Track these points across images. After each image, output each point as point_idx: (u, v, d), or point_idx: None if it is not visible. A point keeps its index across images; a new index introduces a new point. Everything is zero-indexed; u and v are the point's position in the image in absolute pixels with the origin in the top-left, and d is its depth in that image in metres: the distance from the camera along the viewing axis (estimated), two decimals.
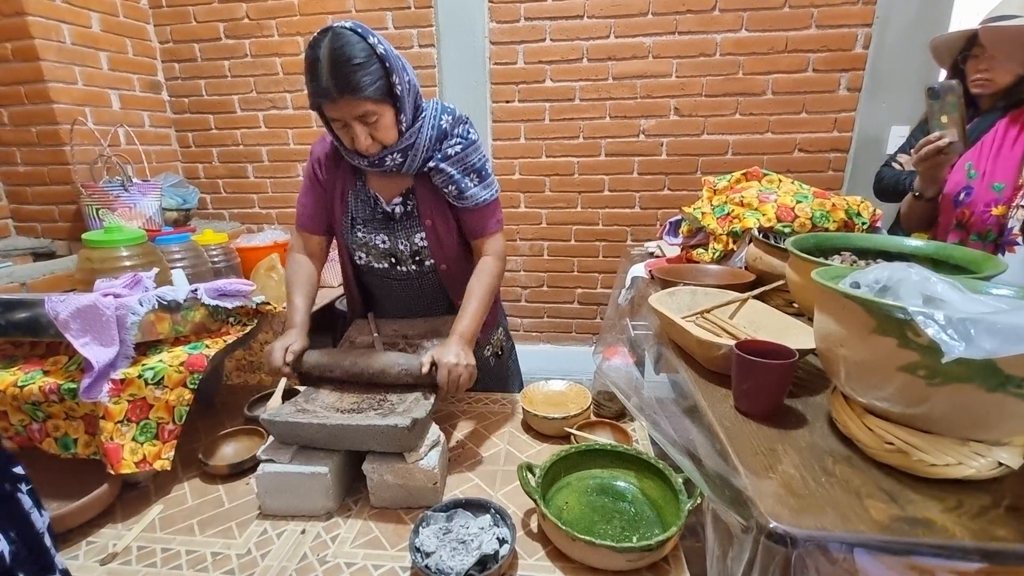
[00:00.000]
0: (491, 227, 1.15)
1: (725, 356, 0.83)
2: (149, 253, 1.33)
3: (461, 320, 1.05)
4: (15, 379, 0.92)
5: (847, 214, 1.27)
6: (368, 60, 0.92)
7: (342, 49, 0.90)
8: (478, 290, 1.09)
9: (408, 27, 2.58)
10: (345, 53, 0.90)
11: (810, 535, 0.53)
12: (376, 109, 0.96)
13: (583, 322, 2.93)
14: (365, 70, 0.91)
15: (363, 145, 0.99)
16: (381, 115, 0.97)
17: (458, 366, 0.95)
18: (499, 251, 1.16)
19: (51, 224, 2.42)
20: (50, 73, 2.20)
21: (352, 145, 1.01)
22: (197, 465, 1.00)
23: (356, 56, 0.91)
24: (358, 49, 0.91)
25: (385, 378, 0.98)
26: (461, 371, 0.96)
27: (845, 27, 2.32)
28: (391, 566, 0.77)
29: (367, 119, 0.96)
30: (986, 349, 0.48)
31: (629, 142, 2.60)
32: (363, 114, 0.95)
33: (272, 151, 2.87)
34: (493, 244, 1.16)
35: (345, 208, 1.16)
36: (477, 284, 1.10)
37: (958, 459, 0.59)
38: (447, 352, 0.97)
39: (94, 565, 0.79)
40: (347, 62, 0.90)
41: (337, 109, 0.95)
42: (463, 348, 0.99)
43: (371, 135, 0.99)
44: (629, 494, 0.88)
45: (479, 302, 1.07)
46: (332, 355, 1.02)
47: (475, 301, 1.07)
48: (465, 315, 1.05)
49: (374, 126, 0.98)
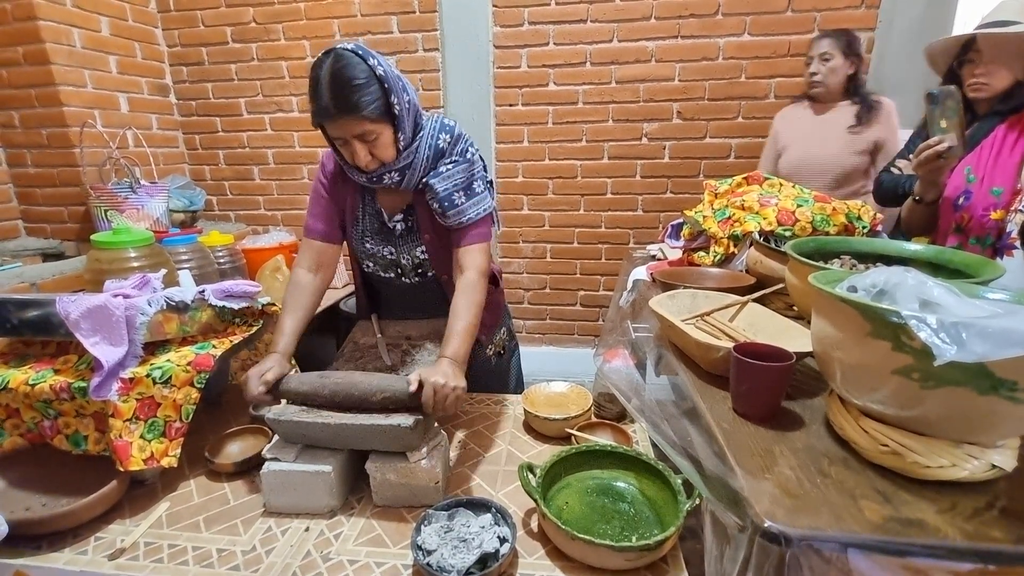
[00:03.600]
0: (469, 241, 1.10)
1: (724, 358, 0.83)
2: (156, 254, 1.35)
3: (450, 343, 1.00)
4: (27, 377, 0.94)
5: (847, 218, 1.28)
6: (367, 81, 0.94)
7: (342, 70, 0.93)
8: (462, 310, 1.04)
9: (413, 31, 2.60)
10: (345, 74, 0.93)
11: (804, 535, 0.54)
12: (375, 128, 0.98)
13: (585, 324, 2.94)
14: (364, 90, 0.94)
15: (362, 162, 1.01)
16: (380, 133, 0.99)
17: (446, 386, 0.90)
18: (479, 266, 1.09)
19: (60, 225, 2.45)
20: (60, 76, 2.23)
21: (352, 161, 1.03)
22: (203, 463, 1.02)
23: (356, 77, 0.93)
24: (358, 70, 0.93)
25: (368, 405, 0.91)
26: (448, 392, 0.90)
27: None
28: (393, 564, 0.78)
29: (366, 137, 0.98)
30: (977, 353, 0.49)
31: (632, 145, 2.62)
32: (362, 132, 0.98)
33: (278, 153, 2.89)
34: (471, 258, 1.10)
35: (355, 220, 1.18)
36: (462, 304, 1.05)
37: (952, 461, 0.59)
38: (435, 372, 0.92)
39: (102, 560, 0.80)
40: (347, 83, 0.93)
41: (337, 127, 0.98)
42: (453, 369, 0.94)
43: (370, 152, 1.01)
44: (628, 495, 0.89)
45: (466, 322, 1.02)
46: (311, 383, 0.95)
47: (461, 322, 1.02)
48: (453, 336, 1.00)
49: (373, 144, 1.00)
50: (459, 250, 1.11)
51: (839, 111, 2.06)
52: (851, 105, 2.04)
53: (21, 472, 0.96)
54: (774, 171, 2.19)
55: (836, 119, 2.05)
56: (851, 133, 2.01)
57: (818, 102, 2.12)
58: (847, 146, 2.01)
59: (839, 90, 2.05)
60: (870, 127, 1.99)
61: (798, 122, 2.15)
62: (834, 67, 2.00)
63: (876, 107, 2.00)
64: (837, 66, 2.00)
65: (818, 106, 2.12)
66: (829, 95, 2.06)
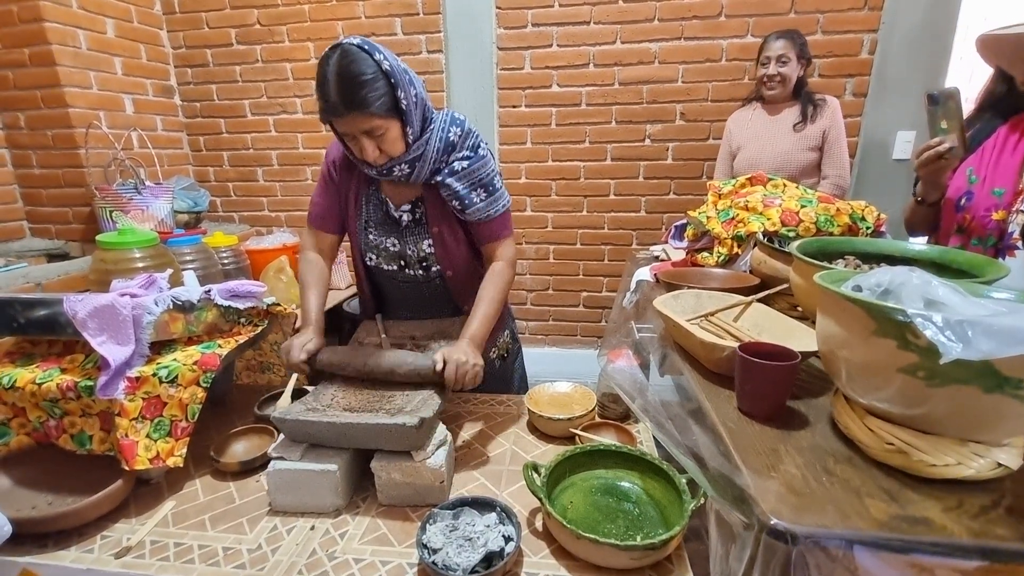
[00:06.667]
0: (501, 234, 1.17)
1: (728, 358, 0.84)
2: (161, 255, 1.36)
3: (471, 324, 1.06)
4: (33, 376, 0.94)
5: (851, 218, 1.28)
6: (374, 76, 0.94)
7: (349, 67, 0.93)
8: (489, 295, 1.10)
9: (417, 33, 2.61)
10: (352, 71, 0.93)
11: (810, 532, 0.54)
12: (382, 124, 0.98)
13: (588, 325, 2.94)
14: (371, 86, 0.94)
15: (371, 157, 1.02)
16: (388, 129, 1.00)
17: (467, 363, 0.98)
18: (510, 257, 1.17)
19: (65, 226, 2.47)
20: (66, 78, 2.24)
21: (361, 156, 1.04)
22: (209, 462, 1.02)
23: (362, 73, 0.93)
24: (364, 66, 0.94)
25: (394, 376, 1.00)
26: (468, 368, 0.98)
27: (851, 33, 2.33)
28: (398, 562, 0.78)
29: (374, 133, 0.99)
30: (983, 351, 0.49)
31: (635, 146, 2.62)
32: (370, 128, 0.98)
33: (281, 155, 2.90)
34: (503, 250, 1.17)
35: (359, 211, 1.19)
36: (488, 289, 1.11)
37: (958, 459, 0.59)
38: (456, 351, 0.99)
39: (109, 559, 0.80)
40: (354, 79, 0.93)
41: (345, 124, 0.98)
42: (472, 349, 1.02)
43: (378, 147, 1.01)
44: (633, 494, 0.89)
45: (489, 307, 1.09)
46: (344, 354, 1.05)
47: (485, 306, 1.09)
48: (475, 319, 1.07)
49: (381, 139, 1.00)
50: (487, 245, 1.17)
51: (789, 111, 2.14)
52: (799, 105, 2.11)
53: (27, 471, 0.96)
54: (730, 172, 2.26)
55: (787, 118, 2.13)
56: (800, 130, 2.08)
57: (769, 103, 2.18)
58: (798, 143, 2.09)
59: (791, 91, 2.12)
60: (815, 123, 2.07)
61: (750, 123, 2.21)
62: (791, 69, 2.06)
63: (821, 105, 2.08)
64: (793, 68, 2.06)
65: (769, 107, 2.18)
66: (783, 96, 2.13)
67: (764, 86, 2.12)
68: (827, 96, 2.12)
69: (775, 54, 2.05)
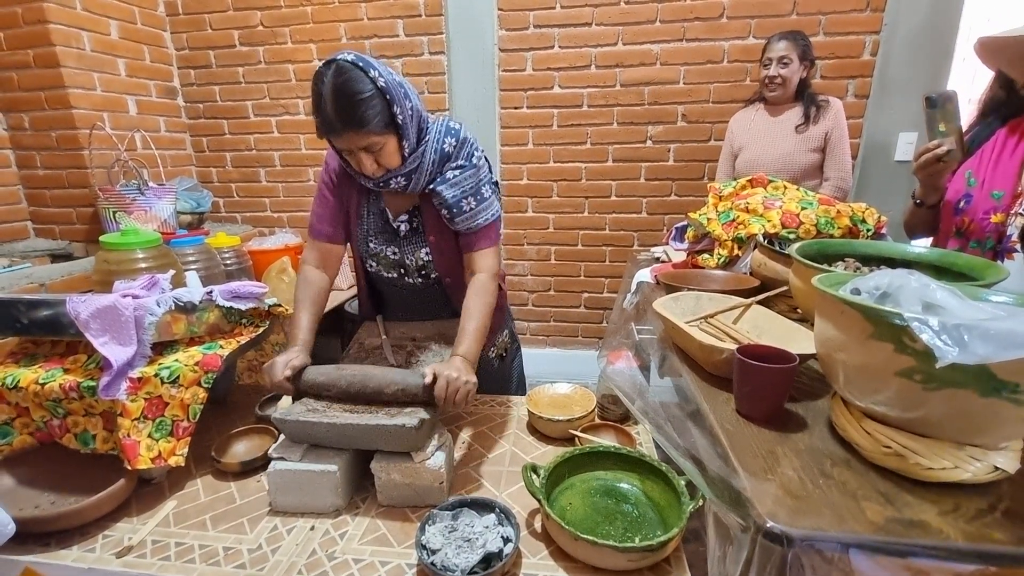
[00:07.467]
0: (481, 245, 1.13)
1: (727, 360, 0.84)
2: (164, 255, 1.37)
3: (461, 342, 1.03)
4: (37, 376, 0.95)
5: (852, 221, 1.28)
6: (371, 95, 0.94)
7: (345, 85, 0.93)
8: (475, 311, 1.07)
9: (419, 34, 2.62)
10: (348, 89, 0.93)
11: (806, 535, 0.54)
12: (379, 139, 0.99)
13: (589, 326, 2.94)
14: (367, 104, 0.94)
15: (368, 171, 1.03)
16: (384, 144, 1.00)
17: (458, 380, 0.93)
18: (490, 268, 1.13)
19: (68, 227, 2.48)
20: (70, 79, 2.26)
21: (359, 170, 1.05)
22: (210, 462, 1.03)
23: (359, 92, 0.93)
24: (361, 84, 0.94)
25: (381, 397, 0.95)
26: (459, 386, 0.93)
27: (853, 34, 2.33)
28: (398, 563, 0.79)
29: (371, 148, 1.00)
30: (979, 355, 0.49)
31: (636, 148, 2.62)
32: (367, 145, 0.99)
33: (284, 156, 2.91)
34: (483, 261, 1.13)
35: (360, 220, 1.19)
36: (474, 304, 1.08)
37: (955, 463, 0.59)
38: (448, 367, 0.95)
39: (110, 558, 0.81)
40: (350, 98, 0.93)
41: (343, 141, 0.99)
42: (465, 366, 0.98)
43: (376, 161, 1.02)
44: (632, 496, 0.90)
45: (477, 322, 1.05)
46: (329, 374, 0.99)
47: (473, 322, 1.05)
48: (465, 337, 1.03)
49: (378, 154, 1.01)
50: (471, 254, 1.14)
51: (792, 112, 2.14)
52: (801, 107, 2.11)
53: (30, 471, 0.97)
54: (732, 173, 2.27)
55: (789, 119, 2.13)
56: (802, 132, 2.09)
57: (771, 104, 2.18)
58: (800, 144, 2.09)
59: (793, 93, 2.12)
60: (817, 125, 2.08)
61: (753, 124, 2.22)
62: (792, 70, 2.06)
63: (824, 106, 2.08)
64: (795, 69, 2.06)
65: (771, 108, 2.18)
66: (784, 97, 2.13)
67: (766, 87, 2.13)
68: (830, 98, 2.12)
69: (777, 55, 2.05)
